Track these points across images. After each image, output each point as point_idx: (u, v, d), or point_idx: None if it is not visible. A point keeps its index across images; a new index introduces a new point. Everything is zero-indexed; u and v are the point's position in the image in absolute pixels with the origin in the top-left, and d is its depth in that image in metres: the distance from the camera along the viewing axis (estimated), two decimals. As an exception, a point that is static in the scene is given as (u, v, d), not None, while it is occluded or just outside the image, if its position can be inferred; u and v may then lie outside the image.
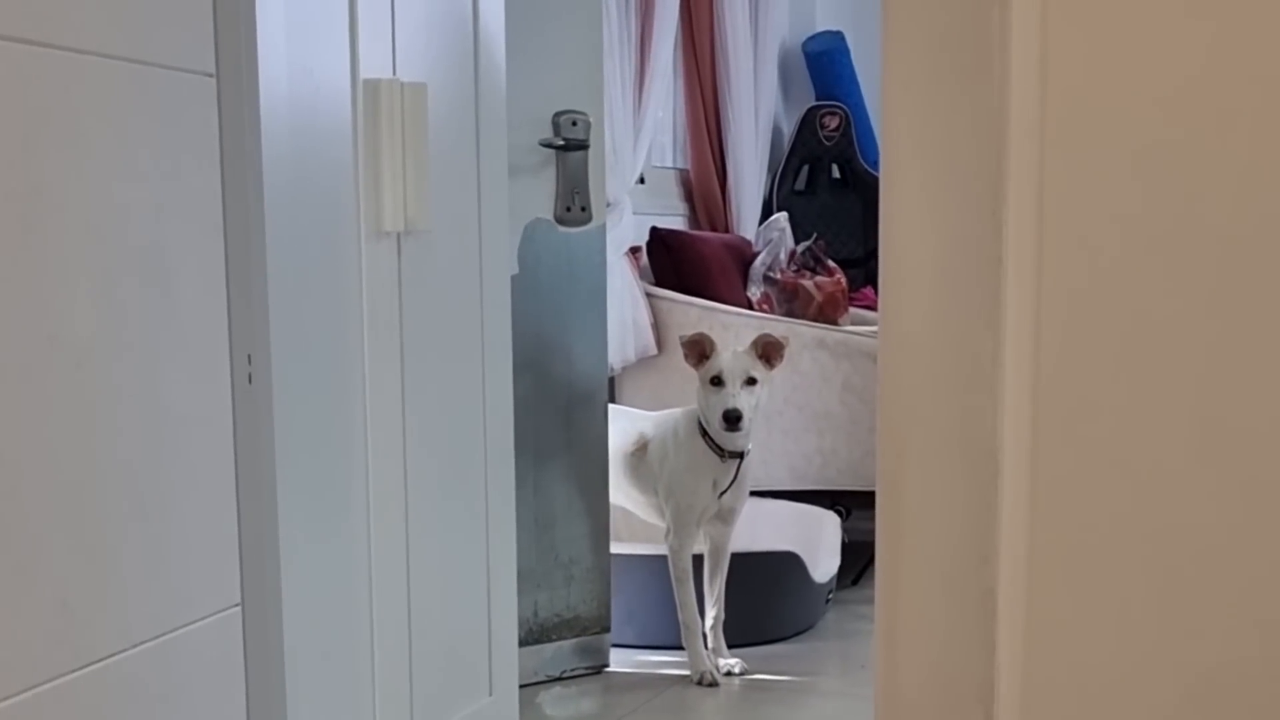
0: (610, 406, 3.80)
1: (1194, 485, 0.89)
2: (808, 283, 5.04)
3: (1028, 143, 0.91)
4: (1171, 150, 0.88)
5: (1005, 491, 0.91)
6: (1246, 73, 0.87)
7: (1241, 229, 0.87)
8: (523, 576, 2.99)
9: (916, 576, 1.00)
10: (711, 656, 3.62)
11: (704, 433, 3.56)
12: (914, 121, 1.00)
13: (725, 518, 3.65)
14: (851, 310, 5.16)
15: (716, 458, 3.55)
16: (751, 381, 3.48)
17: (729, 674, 3.60)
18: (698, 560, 3.68)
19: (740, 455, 3.56)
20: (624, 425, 3.80)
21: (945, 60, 0.98)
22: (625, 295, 4.51)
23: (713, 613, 3.67)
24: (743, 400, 3.46)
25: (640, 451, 3.74)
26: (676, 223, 5.41)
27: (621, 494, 3.79)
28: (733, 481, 3.57)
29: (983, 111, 0.93)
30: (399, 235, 2.31)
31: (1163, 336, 0.89)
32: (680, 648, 3.62)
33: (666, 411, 3.78)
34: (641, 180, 5.04)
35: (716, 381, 3.48)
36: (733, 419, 3.43)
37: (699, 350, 3.52)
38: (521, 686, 2.89)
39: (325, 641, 2.14)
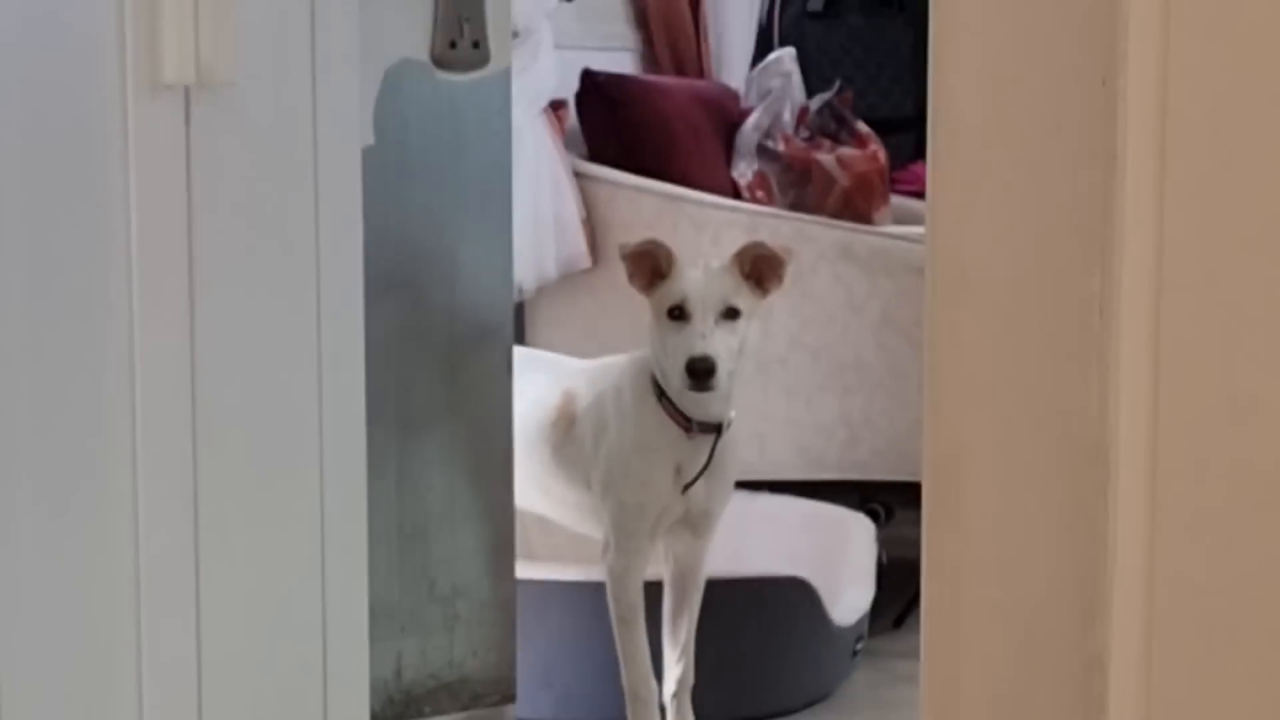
0: (518, 351, 3.81)
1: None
2: (827, 157, 5.05)
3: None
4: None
5: (1119, 514, 0.92)
6: None
7: None
8: (378, 616, 2.98)
9: (985, 639, 1.02)
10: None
11: (660, 393, 3.58)
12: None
13: (696, 525, 3.69)
14: (894, 201, 5.18)
15: (680, 431, 3.58)
16: (733, 314, 3.48)
17: None
18: (653, 591, 3.71)
19: (717, 428, 3.58)
20: (540, 382, 3.83)
21: None
22: (542, 176, 4.54)
23: (676, 672, 3.70)
24: (718, 342, 3.45)
25: (565, 423, 3.76)
26: (623, 62, 5.44)
27: (536, 490, 3.83)
28: (705, 468, 3.59)
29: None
30: (188, 89, 2.32)
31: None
32: (625, 726, 3.67)
33: (605, 360, 3.81)
34: (568, -4, 5.09)
35: (677, 314, 3.48)
36: (702, 371, 3.41)
37: (651, 266, 3.54)
38: (380, 788, 2.91)
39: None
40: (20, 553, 2.02)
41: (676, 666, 3.72)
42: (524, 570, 3.81)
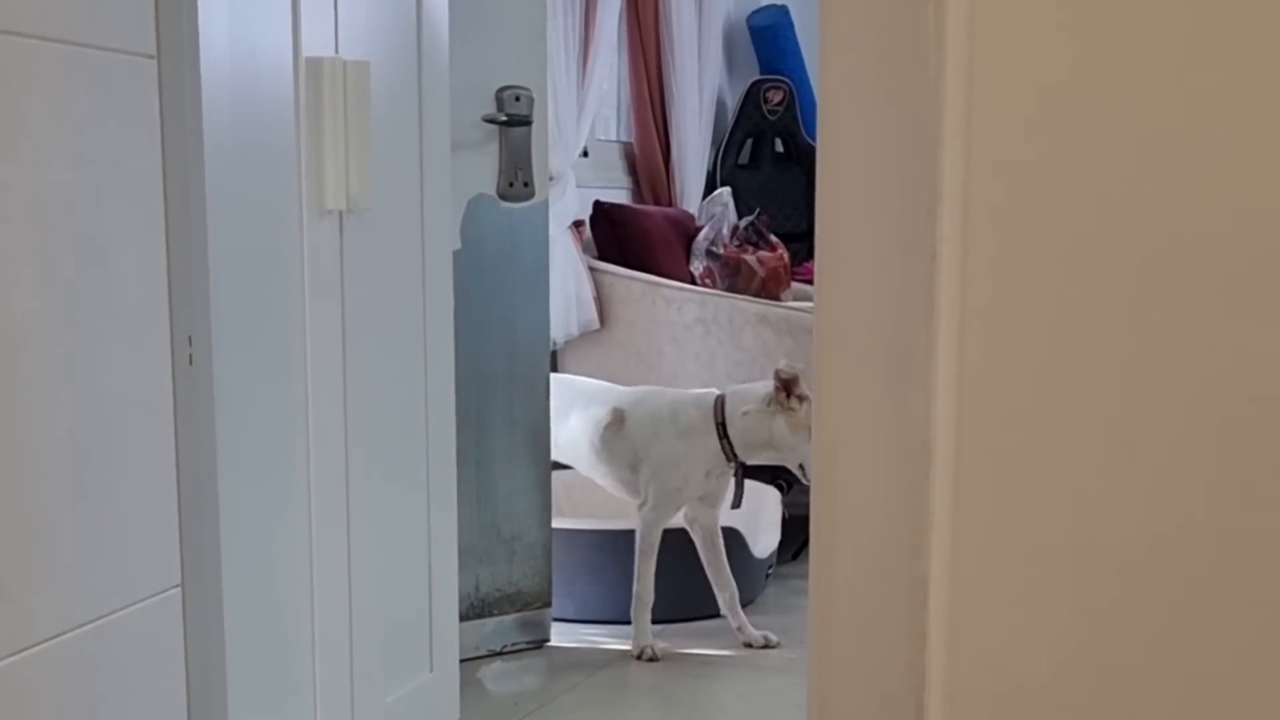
0: (578, 380, 3.86)
1: (1113, 484, 0.91)
2: (750, 257, 5.03)
3: (958, 141, 0.92)
4: (1094, 155, 0.90)
5: (936, 485, 0.93)
6: (1177, 82, 0.88)
7: (1165, 238, 0.89)
8: (464, 552, 3.01)
9: (850, 565, 1.01)
10: (743, 631, 3.67)
11: (722, 432, 3.56)
12: (851, 117, 1.02)
13: (710, 500, 3.69)
14: (794, 285, 5.14)
15: (724, 458, 3.58)
16: None
17: (766, 645, 3.64)
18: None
19: None
20: (597, 397, 3.79)
21: (881, 56, 0.99)
22: (568, 269, 4.52)
23: (725, 596, 3.69)
24: None
25: (616, 425, 3.69)
26: (620, 196, 5.41)
27: (586, 465, 3.79)
28: (737, 478, 3.63)
29: (917, 108, 0.94)
30: (341, 213, 2.32)
31: (1083, 339, 0.91)
32: (621, 622, 3.64)
33: (649, 389, 3.79)
34: (585, 153, 5.05)
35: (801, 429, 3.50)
36: None
37: (790, 388, 3.51)
38: (462, 661, 2.91)
39: (266, 620, 2.16)
40: (241, 506, 1.98)
41: (723, 592, 3.70)
42: (557, 523, 3.79)
